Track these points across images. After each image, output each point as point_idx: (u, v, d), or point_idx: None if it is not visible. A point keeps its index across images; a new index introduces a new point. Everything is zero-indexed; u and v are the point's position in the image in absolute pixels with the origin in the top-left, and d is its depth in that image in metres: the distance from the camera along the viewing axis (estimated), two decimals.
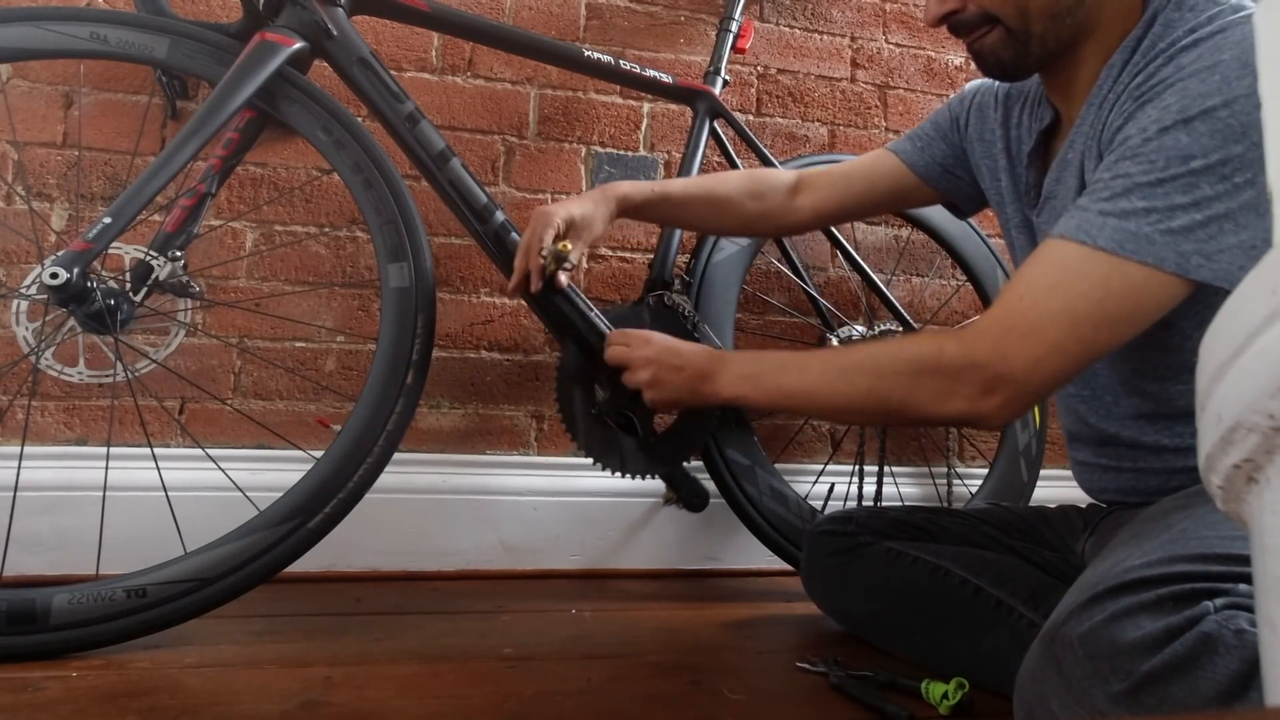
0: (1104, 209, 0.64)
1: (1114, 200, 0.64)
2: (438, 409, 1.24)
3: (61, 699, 0.66)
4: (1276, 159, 0.28)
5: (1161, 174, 0.62)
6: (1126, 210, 0.62)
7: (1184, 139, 0.61)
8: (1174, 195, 0.61)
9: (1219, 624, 0.49)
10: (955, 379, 0.68)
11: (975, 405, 0.67)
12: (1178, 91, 0.63)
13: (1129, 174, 0.64)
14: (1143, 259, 0.61)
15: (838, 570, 0.95)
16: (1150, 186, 0.62)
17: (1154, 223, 0.61)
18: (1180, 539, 0.58)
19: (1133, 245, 0.62)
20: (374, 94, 0.98)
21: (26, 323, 0.89)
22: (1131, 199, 0.63)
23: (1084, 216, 0.65)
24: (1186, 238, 0.61)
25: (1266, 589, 0.28)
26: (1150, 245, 0.61)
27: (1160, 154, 0.62)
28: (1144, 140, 0.64)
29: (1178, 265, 0.61)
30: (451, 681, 0.74)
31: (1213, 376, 0.29)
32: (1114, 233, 0.62)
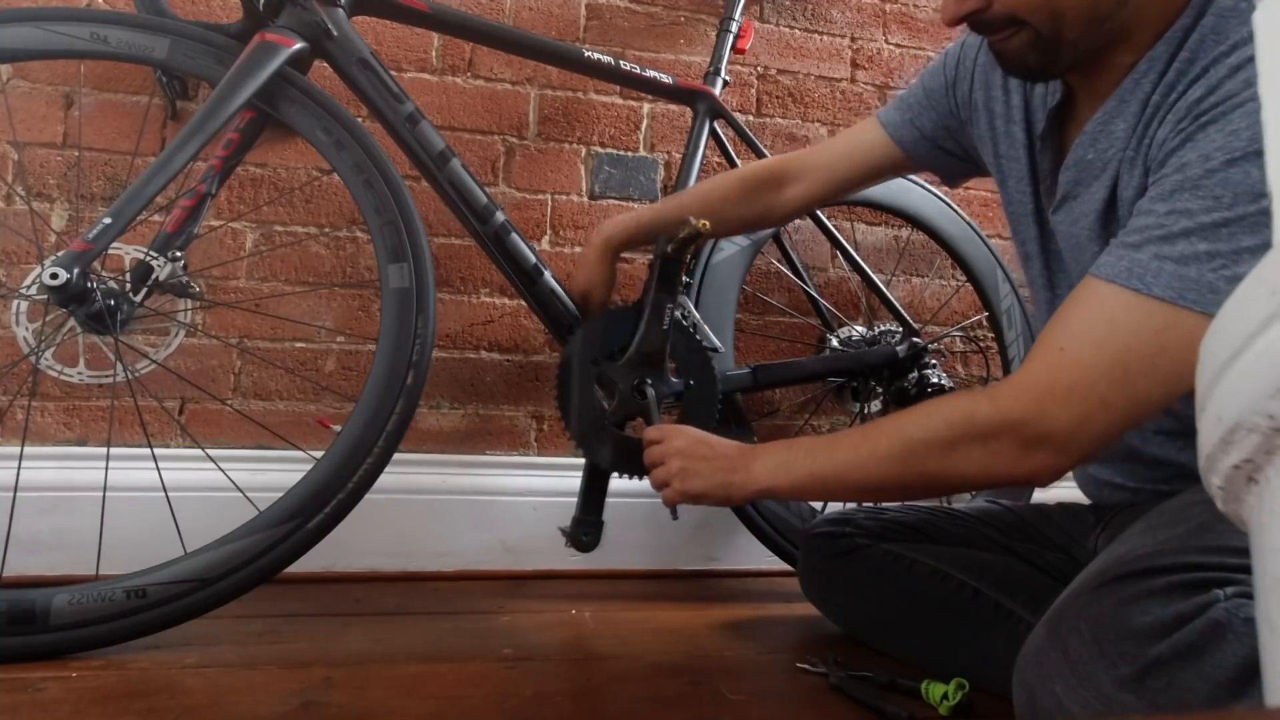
0: (1159, 252, 0.57)
1: (1171, 242, 0.57)
2: (438, 409, 1.24)
3: (61, 699, 0.66)
4: (1277, 159, 0.28)
5: (1228, 213, 0.55)
6: (1186, 255, 0.56)
7: (1255, 174, 0.54)
8: (1241, 237, 0.54)
9: (1228, 611, 0.48)
10: (992, 441, 0.63)
11: (1021, 466, 0.62)
12: (1247, 113, 0.56)
13: (1189, 210, 0.57)
14: (1205, 309, 0.54)
15: (835, 573, 0.95)
16: (1215, 228, 0.55)
17: (1217, 269, 0.55)
18: (1195, 530, 0.58)
19: (1194, 295, 0.55)
20: (374, 94, 0.98)
21: (26, 323, 0.89)
22: (1192, 241, 0.56)
23: (1135, 259, 0.58)
24: None
25: (1266, 589, 0.28)
26: (1214, 295, 0.54)
27: (1227, 189, 0.55)
28: (1207, 171, 0.56)
29: None
30: (451, 681, 0.74)
31: (1213, 377, 0.29)
32: (1171, 279, 0.56)
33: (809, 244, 1.41)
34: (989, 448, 0.64)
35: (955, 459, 0.65)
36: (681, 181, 1.15)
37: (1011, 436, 0.62)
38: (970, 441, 0.64)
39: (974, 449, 0.64)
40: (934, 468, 0.67)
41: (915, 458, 0.68)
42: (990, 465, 0.64)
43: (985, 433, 0.64)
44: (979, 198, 1.51)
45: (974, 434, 0.64)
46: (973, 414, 0.65)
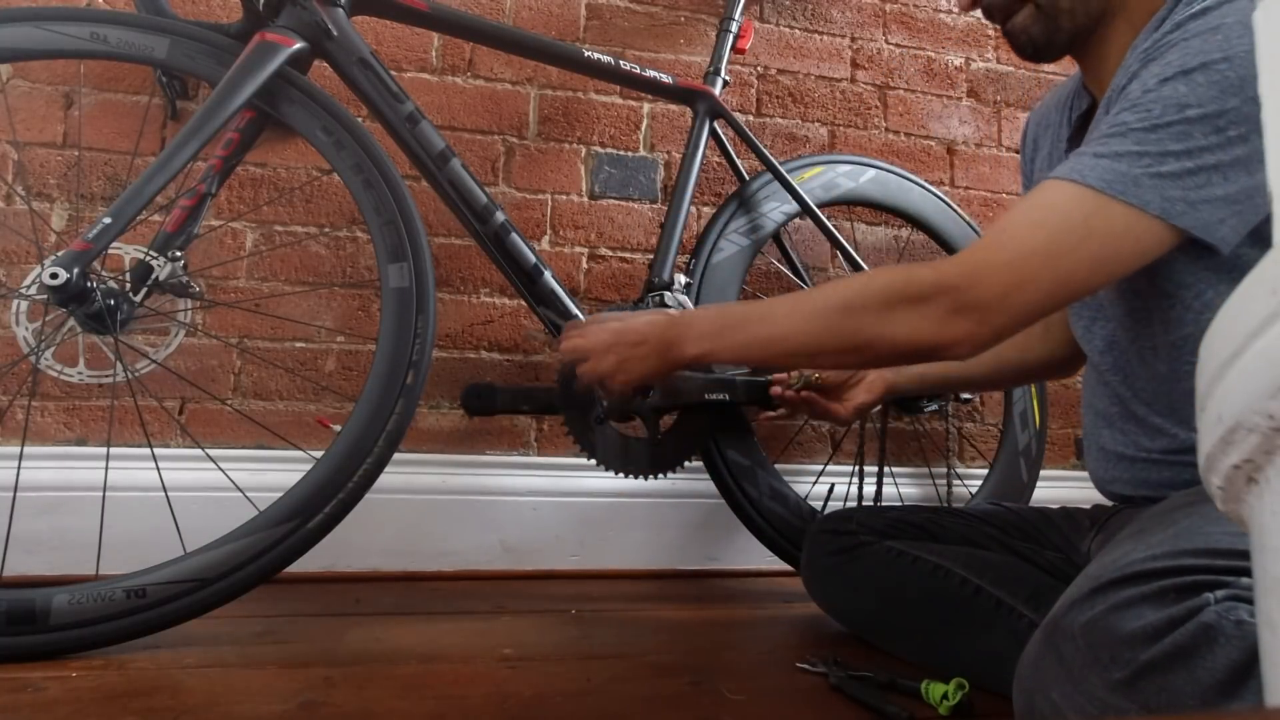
0: (1097, 151, 0.65)
1: (1106, 143, 0.64)
2: (438, 409, 1.24)
3: (61, 699, 0.66)
4: (1276, 159, 0.28)
5: (1156, 120, 0.63)
6: (1118, 152, 0.63)
7: (1182, 89, 0.62)
8: (1167, 142, 0.62)
9: (1219, 614, 0.49)
10: (924, 302, 0.67)
11: (941, 329, 0.67)
12: (1179, 50, 0.64)
13: (1125, 121, 0.65)
14: (1127, 199, 0.62)
15: (838, 570, 0.95)
16: (1144, 132, 0.63)
17: (1144, 166, 0.62)
18: (1185, 534, 0.58)
19: (1120, 185, 0.62)
20: (374, 94, 0.98)
21: (26, 323, 0.89)
22: (1124, 142, 0.63)
23: (1078, 160, 0.66)
24: (1174, 183, 0.61)
25: (1266, 589, 0.28)
26: (1136, 187, 0.62)
27: (1157, 103, 0.63)
28: (1143, 92, 0.65)
29: (1161, 209, 0.61)
30: (451, 681, 0.74)
31: (1213, 377, 0.29)
32: (1103, 173, 0.63)
33: (809, 244, 1.41)
34: (920, 310, 0.67)
35: (888, 320, 0.69)
36: (681, 181, 1.15)
37: (943, 300, 0.66)
38: (905, 303, 0.68)
39: (907, 311, 0.68)
40: (868, 329, 0.70)
41: (852, 317, 0.71)
42: (919, 328, 0.68)
43: (920, 295, 0.68)
44: (979, 198, 1.51)
45: (910, 295, 0.68)
46: (911, 277, 0.69)
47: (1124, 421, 0.82)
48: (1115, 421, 0.83)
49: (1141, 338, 0.77)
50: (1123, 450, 0.81)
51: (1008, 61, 1.54)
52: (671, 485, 1.24)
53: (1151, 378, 0.77)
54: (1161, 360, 0.76)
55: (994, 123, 1.53)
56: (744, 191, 1.23)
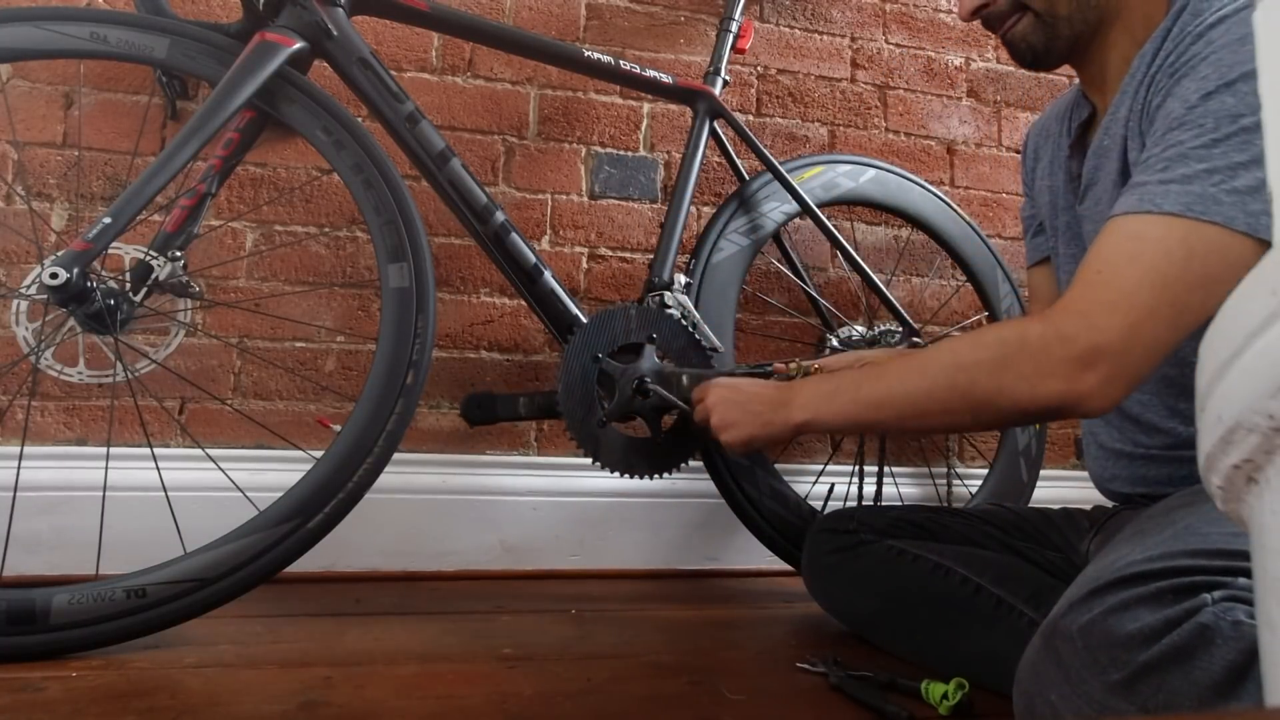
0: (1163, 178, 0.62)
1: (1170, 168, 0.62)
2: (438, 409, 1.24)
3: (61, 699, 0.66)
4: (1277, 159, 0.28)
5: (1214, 135, 0.61)
6: (1187, 175, 0.61)
7: (1230, 100, 0.61)
8: (1231, 154, 0.60)
9: (1216, 615, 0.49)
10: (1045, 357, 0.63)
11: (1073, 384, 0.62)
12: (1212, 63, 0.63)
13: (1181, 142, 0.63)
14: (1213, 219, 0.59)
15: (839, 568, 0.95)
16: (1205, 149, 0.61)
17: (1217, 183, 0.60)
18: (1182, 534, 0.58)
19: (1200, 206, 0.60)
20: (374, 94, 0.98)
21: (26, 323, 0.89)
22: (1190, 164, 0.61)
23: (1144, 190, 0.63)
24: (1253, 197, 0.59)
25: (1266, 590, 0.28)
26: (1218, 205, 0.59)
27: (1208, 117, 0.62)
28: (1188, 109, 0.63)
29: (1247, 225, 0.58)
30: (451, 681, 0.74)
31: (1213, 376, 0.29)
32: (1179, 196, 0.60)
33: (809, 244, 1.41)
34: (1040, 365, 0.63)
35: (1006, 378, 0.65)
36: (681, 181, 1.15)
37: (1064, 351, 0.62)
38: (1021, 358, 0.64)
39: (1025, 367, 0.64)
40: (983, 389, 0.66)
41: (965, 377, 0.67)
42: (1042, 385, 0.63)
43: (1038, 350, 0.63)
44: (979, 198, 1.51)
45: (1027, 352, 0.64)
46: (1025, 332, 0.65)
47: (1120, 419, 0.82)
48: (1112, 419, 0.83)
49: None
50: (1120, 447, 0.82)
51: (1008, 61, 1.54)
52: (671, 485, 1.24)
53: (1151, 379, 0.77)
54: (1169, 361, 0.75)
55: (994, 123, 1.53)
56: (744, 191, 1.23)
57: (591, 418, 0.99)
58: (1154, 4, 0.74)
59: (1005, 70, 1.55)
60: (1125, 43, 0.76)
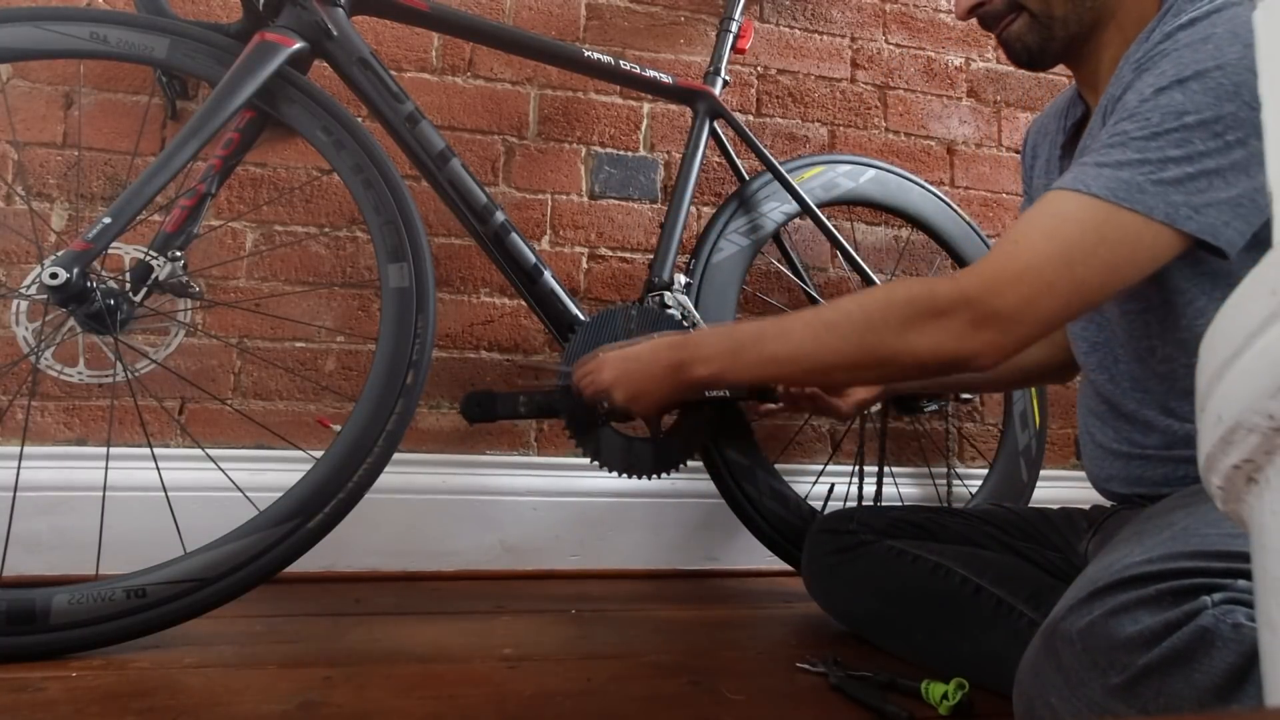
0: (1099, 161, 0.66)
1: (1108, 152, 0.65)
2: (438, 409, 1.24)
3: (61, 699, 0.66)
4: (1276, 159, 0.28)
5: (1155, 129, 0.64)
6: (1120, 161, 0.64)
7: (1179, 97, 0.64)
8: (1167, 149, 0.63)
9: (1216, 618, 0.49)
10: (946, 315, 0.68)
11: (963, 341, 0.67)
12: (1172, 59, 0.66)
13: (1125, 131, 0.66)
14: (1133, 207, 0.63)
15: (839, 569, 0.95)
16: (1144, 140, 0.64)
17: (1146, 173, 0.63)
18: (1181, 536, 0.58)
19: (1124, 193, 0.63)
20: (374, 94, 0.98)
21: (26, 323, 0.89)
22: (1125, 151, 0.64)
23: (1080, 170, 0.66)
24: (1177, 189, 0.62)
25: (1266, 590, 0.28)
26: (1141, 194, 0.63)
27: (1155, 111, 0.64)
28: (1140, 101, 0.66)
29: (1166, 215, 0.62)
30: (451, 681, 0.74)
31: (1213, 377, 0.29)
32: (1107, 181, 0.64)
33: (809, 244, 1.41)
34: (943, 324, 0.68)
35: (911, 335, 0.69)
36: (681, 181, 1.15)
37: (965, 313, 0.67)
38: (927, 318, 0.69)
39: (929, 325, 0.68)
40: (890, 344, 0.70)
41: (873, 332, 0.71)
42: (942, 342, 0.68)
43: (943, 308, 0.68)
44: (979, 198, 1.51)
45: (932, 309, 0.68)
46: (932, 291, 0.69)
47: (1116, 420, 0.82)
48: (1108, 419, 0.83)
49: (1136, 339, 0.78)
50: (1118, 447, 0.82)
51: (1007, 62, 1.53)
52: (671, 485, 1.25)
53: (1144, 378, 0.78)
54: (1156, 361, 0.76)
55: (994, 123, 1.53)
56: (744, 191, 1.23)
57: (591, 418, 0.99)
58: (1146, 5, 0.75)
59: (1005, 70, 1.55)
60: (1118, 43, 0.76)
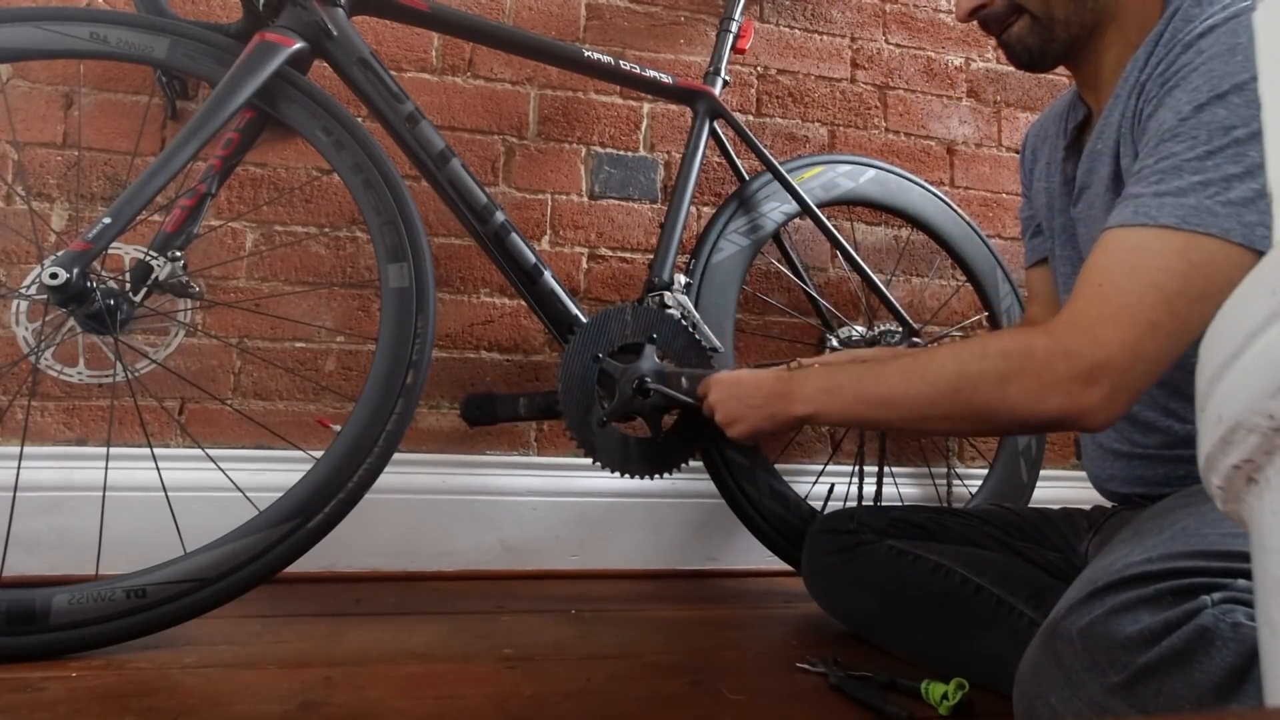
0: (1158, 190, 0.62)
1: (1165, 180, 0.62)
2: (438, 409, 1.24)
3: (61, 699, 0.66)
4: (1277, 159, 0.28)
5: (1207, 146, 0.61)
6: (1181, 188, 0.61)
7: (1222, 112, 0.61)
8: (1225, 166, 0.60)
9: (1216, 618, 0.49)
10: (1050, 372, 0.63)
11: (1077, 400, 0.62)
12: (1203, 74, 0.63)
13: (1174, 153, 0.63)
14: (1209, 231, 0.59)
15: (839, 569, 0.95)
16: (1199, 160, 0.61)
17: (1212, 195, 0.60)
18: (1181, 535, 0.58)
19: (1196, 219, 0.60)
20: (374, 94, 0.98)
21: (26, 323, 0.89)
22: (1184, 176, 0.61)
23: (1138, 203, 0.63)
24: (1248, 208, 0.59)
25: (1266, 590, 0.28)
26: (1214, 217, 0.59)
27: (1201, 129, 0.62)
28: (1180, 120, 0.63)
29: (1244, 237, 0.59)
30: (451, 681, 0.74)
31: (1212, 377, 0.29)
32: (1174, 209, 0.61)
33: (809, 244, 1.41)
34: (1044, 380, 0.64)
35: (1010, 391, 0.65)
36: (681, 181, 1.15)
37: (1068, 367, 0.62)
38: (1026, 374, 0.64)
39: (1029, 381, 0.64)
40: (986, 399, 0.67)
41: (968, 386, 0.68)
42: (1046, 399, 0.63)
43: (1042, 364, 0.64)
44: (979, 198, 1.51)
45: (1031, 365, 0.64)
46: (1030, 345, 0.65)
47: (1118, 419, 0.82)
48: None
49: None
50: (1118, 447, 0.82)
51: (1007, 62, 1.54)
52: (671, 485, 1.25)
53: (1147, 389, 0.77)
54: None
55: (994, 123, 1.53)
56: (744, 191, 1.23)
57: (591, 418, 0.99)
58: (1148, 7, 0.74)
59: (1005, 70, 1.55)
60: (1120, 45, 0.76)
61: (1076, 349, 0.62)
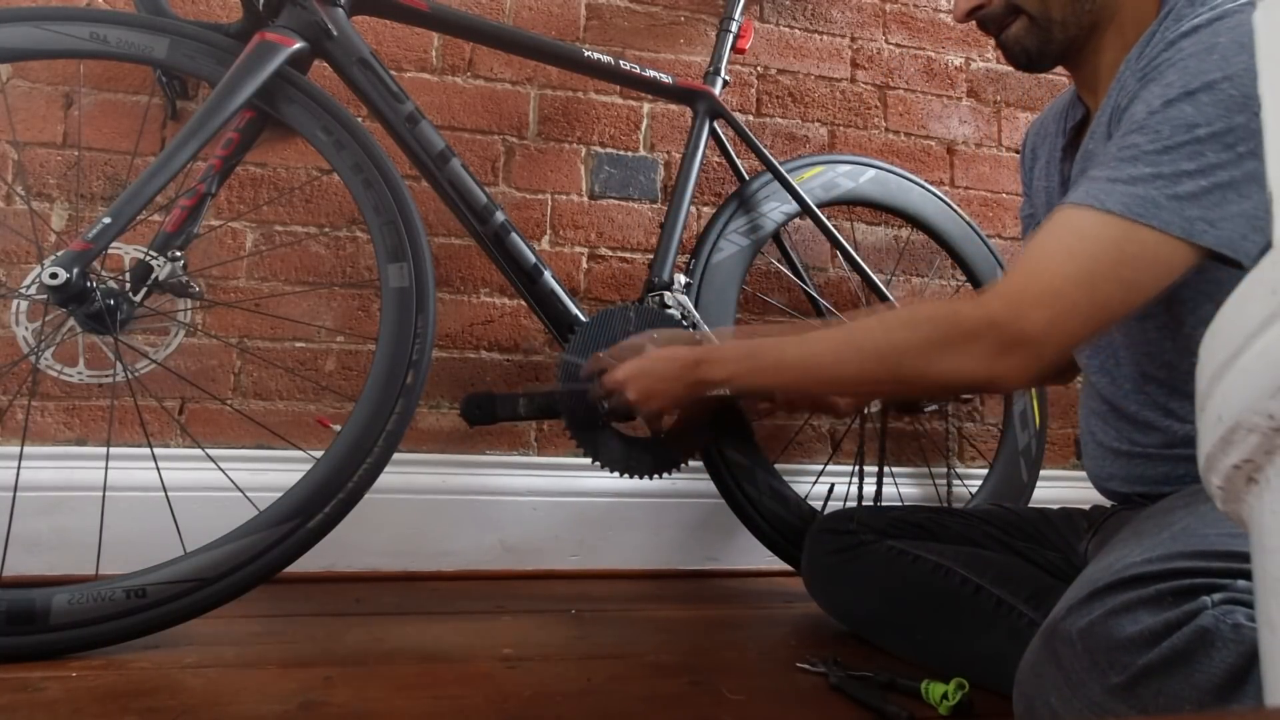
0: (1112, 176, 0.65)
1: (1121, 168, 0.65)
2: (438, 409, 1.24)
3: (61, 699, 0.66)
4: (1276, 159, 0.28)
5: (1167, 142, 0.63)
6: (1134, 177, 0.63)
7: (1188, 109, 0.63)
8: (1180, 162, 0.62)
9: (1216, 619, 0.49)
10: (971, 339, 0.67)
11: (991, 366, 0.66)
12: (1179, 70, 0.65)
13: (1136, 144, 0.65)
14: (1150, 222, 0.62)
15: (839, 569, 0.95)
16: (1156, 154, 0.63)
17: (1160, 188, 0.62)
18: (1181, 535, 0.58)
19: (1139, 209, 0.62)
20: (374, 94, 0.98)
21: (26, 323, 0.89)
22: (1138, 166, 0.64)
23: (1093, 185, 0.66)
24: (1192, 204, 0.61)
25: (1266, 590, 0.28)
26: (1157, 210, 0.62)
27: (1165, 124, 0.64)
28: (1149, 114, 0.65)
29: (1184, 230, 0.61)
30: (451, 681, 0.74)
31: (1212, 377, 0.29)
32: (1122, 197, 0.63)
33: (809, 244, 1.41)
34: (968, 348, 0.67)
35: (934, 358, 0.69)
36: (681, 181, 1.15)
37: (991, 337, 0.66)
38: (952, 341, 0.68)
39: (954, 348, 0.68)
40: (912, 365, 0.70)
41: (895, 354, 0.71)
42: (967, 366, 0.67)
43: (968, 333, 0.67)
44: (979, 198, 1.51)
45: (957, 334, 0.68)
46: (957, 313, 0.68)
47: (1117, 420, 0.82)
48: (1110, 420, 0.83)
49: (1137, 344, 0.78)
50: (1118, 446, 0.82)
51: (1006, 62, 1.54)
52: (671, 485, 1.24)
53: (1145, 381, 0.78)
54: (1157, 366, 0.76)
55: (994, 123, 1.53)
56: (744, 191, 1.23)
57: (591, 417, 0.99)
58: (1145, 8, 0.74)
59: (1005, 70, 1.55)
60: (1117, 46, 0.76)
61: (1001, 320, 0.66)
